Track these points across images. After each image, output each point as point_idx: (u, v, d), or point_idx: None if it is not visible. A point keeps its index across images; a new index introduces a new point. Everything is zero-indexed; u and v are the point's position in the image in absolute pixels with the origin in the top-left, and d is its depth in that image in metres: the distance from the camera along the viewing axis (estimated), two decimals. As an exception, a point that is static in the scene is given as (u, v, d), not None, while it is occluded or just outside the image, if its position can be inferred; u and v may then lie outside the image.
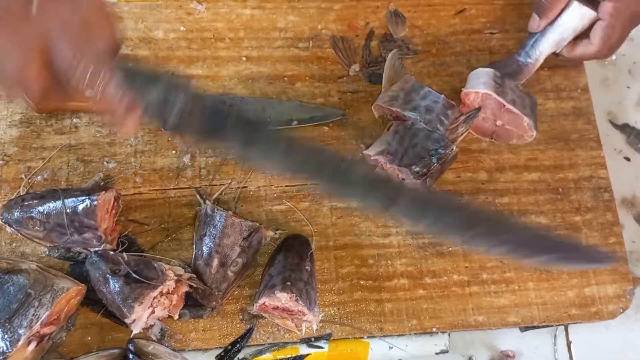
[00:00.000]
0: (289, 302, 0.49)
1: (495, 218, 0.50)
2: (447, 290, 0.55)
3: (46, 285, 0.48)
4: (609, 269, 0.56)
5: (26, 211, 0.51)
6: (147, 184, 0.56)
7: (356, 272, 0.55)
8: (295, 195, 0.57)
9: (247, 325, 0.53)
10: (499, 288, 0.55)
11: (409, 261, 0.55)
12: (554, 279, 0.55)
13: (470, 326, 0.54)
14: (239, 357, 0.52)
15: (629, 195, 0.61)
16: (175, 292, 0.50)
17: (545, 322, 0.55)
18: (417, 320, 0.54)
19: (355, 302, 0.54)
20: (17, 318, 0.47)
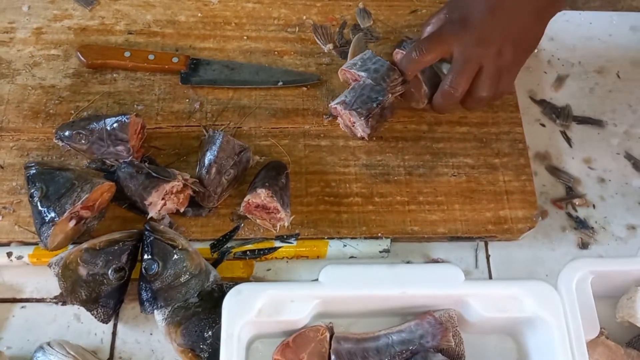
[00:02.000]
0: (266, 198, 0.65)
1: None
2: (391, 207, 0.70)
3: (87, 179, 0.65)
4: (519, 198, 0.71)
5: (75, 129, 0.68)
6: (166, 122, 0.74)
7: (321, 191, 0.71)
8: (278, 135, 0.74)
9: (235, 224, 0.68)
10: (431, 207, 0.71)
11: (363, 185, 0.71)
12: (475, 203, 0.71)
13: (407, 233, 0.69)
14: (227, 246, 0.67)
15: (543, 151, 0.78)
16: (182, 192, 0.67)
17: (467, 233, 0.70)
18: (366, 227, 0.69)
19: (319, 212, 0.70)
20: (64, 198, 0.63)
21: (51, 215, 0.62)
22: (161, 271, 0.62)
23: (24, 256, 0.66)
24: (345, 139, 0.74)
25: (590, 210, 0.74)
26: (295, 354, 0.61)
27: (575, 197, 0.74)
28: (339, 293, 0.59)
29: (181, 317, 0.62)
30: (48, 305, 0.66)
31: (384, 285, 0.60)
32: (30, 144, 0.71)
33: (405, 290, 0.59)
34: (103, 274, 0.63)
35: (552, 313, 0.59)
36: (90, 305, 0.63)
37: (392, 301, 0.61)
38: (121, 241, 0.64)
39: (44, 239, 0.63)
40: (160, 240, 0.63)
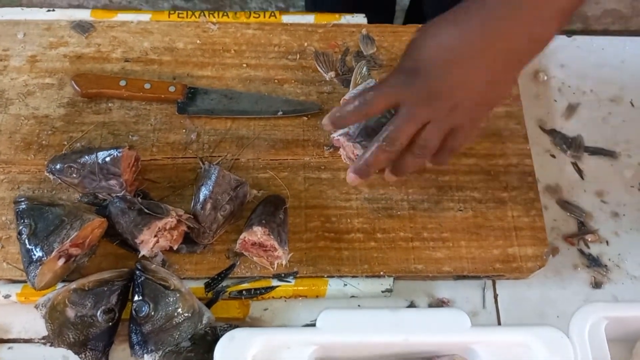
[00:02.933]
0: (263, 236, 0.62)
1: None
2: (394, 244, 0.67)
3: (77, 215, 0.62)
4: (529, 235, 0.68)
5: (67, 162, 0.66)
6: (161, 153, 0.71)
7: (321, 227, 0.68)
8: (277, 167, 0.71)
9: (231, 261, 0.66)
10: (436, 244, 0.68)
11: (365, 220, 0.69)
12: (483, 240, 0.68)
13: (411, 272, 0.66)
14: (222, 285, 0.65)
15: (553, 184, 0.74)
16: (176, 228, 0.64)
17: (474, 272, 0.66)
18: (368, 265, 0.66)
19: (319, 249, 0.67)
20: (52, 235, 0.61)
21: (39, 255, 0.60)
22: (152, 313, 0.59)
23: (11, 295, 0.64)
24: (347, 172, 0.71)
25: (604, 246, 0.71)
26: (292, 403, 0.58)
27: (588, 232, 0.71)
28: (337, 339, 0.56)
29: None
30: (36, 345, 0.64)
31: (385, 332, 0.56)
32: (22, 177, 0.69)
33: (408, 337, 0.56)
34: (92, 316, 0.60)
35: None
36: (78, 349, 0.60)
37: (394, 348, 0.58)
38: (111, 281, 0.61)
39: (32, 279, 0.60)
40: (152, 281, 0.60)
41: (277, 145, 0.73)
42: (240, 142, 0.73)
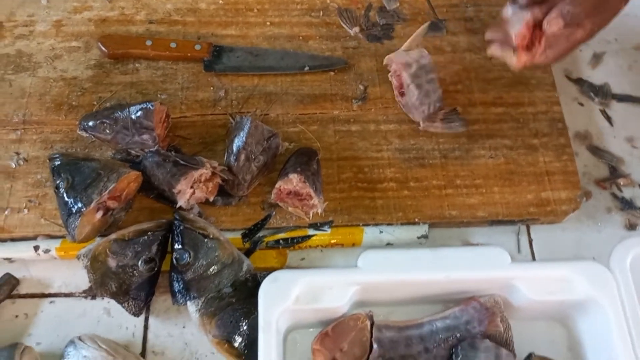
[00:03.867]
0: (299, 184, 0.63)
1: None
2: (427, 192, 0.68)
3: (113, 169, 0.63)
4: (562, 179, 0.68)
5: (99, 118, 0.66)
6: (190, 110, 0.72)
7: (354, 177, 0.68)
8: (306, 121, 0.71)
9: (266, 213, 0.66)
10: (469, 191, 0.68)
11: (397, 170, 0.69)
12: (515, 185, 0.68)
13: (445, 218, 0.66)
14: (259, 235, 0.65)
15: (582, 131, 0.74)
16: (211, 180, 0.64)
17: (508, 217, 0.67)
18: (402, 213, 0.66)
19: (353, 199, 0.67)
20: (90, 188, 0.61)
21: (78, 206, 0.60)
22: (193, 261, 0.60)
23: (51, 249, 0.64)
24: (377, 124, 0.71)
25: (636, 190, 0.71)
26: (335, 344, 0.58)
27: (620, 176, 0.71)
28: (379, 278, 0.57)
29: (215, 307, 0.59)
30: (77, 299, 0.64)
31: (426, 270, 0.57)
32: (54, 137, 0.70)
33: (449, 274, 0.56)
34: (133, 265, 0.61)
35: (606, 294, 0.56)
36: (120, 298, 0.61)
37: (434, 287, 0.59)
38: (150, 231, 0.62)
39: (72, 231, 0.61)
40: (191, 230, 0.61)
41: (305, 100, 0.73)
42: (269, 98, 0.73)
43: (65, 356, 0.57)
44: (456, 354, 0.56)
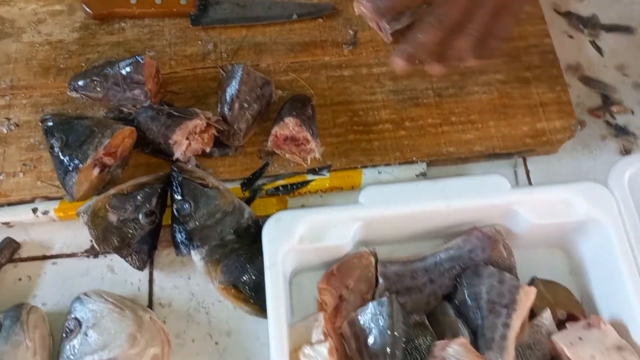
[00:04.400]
0: (295, 128, 0.62)
1: None
2: (424, 131, 0.67)
3: (106, 125, 0.62)
4: (556, 109, 0.68)
5: (89, 77, 0.65)
6: (180, 66, 0.71)
7: (349, 121, 0.68)
8: (298, 69, 0.71)
9: (264, 161, 0.66)
10: (465, 127, 0.68)
11: (392, 111, 0.69)
12: (510, 118, 0.68)
13: (443, 155, 0.66)
14: (258, 183, 0.65)
15: (574, 63, 0.74)
16: (206, 131, 0.64)
17: (505, 149, 0.67)
18: (400, 152, 0.66)
19: (349, 142, 0.67)
20: (85, 144, 0.60)
21: (74, 163, 0.60)
22: (194, 211, 0.59)
23: (49, 211, 0.64)
24: (369, 67, 0.71)
25: (629, 116, 0.71)
26: (341, 282, 0.58)
27: (613, 104, 0.71)
28: (381, 213, 0.57)
29: (219, 255, 0.59)
30: (79, 259, 0.64)
31: (427, 201, 0.57)
32: (44, 100, 0.69)
33: (449, 204, 0.57)
34: (134, 219, 0.60)
35: (607, 213, 0.56)
36: (123, 252, 0.60)
37: (436, 219, 0.59)
38: (149, 184, 0.61)
39: (69, 189, 0.60)
40: (190, 180, 0.60)
41: (295, 49, 0.72)
42: (258, 48, 0.72)
43: (72, 312, 0.57)
44: (460, 282, 0.57)
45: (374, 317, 0.54)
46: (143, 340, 0.55)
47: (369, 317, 0.54)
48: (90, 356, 0.54)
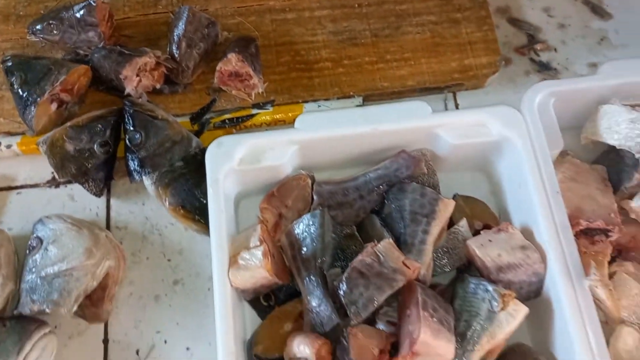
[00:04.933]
0: (237, 63, 0.68)
1: None
2: (361, 68, 0.73)
3: (63, 64, 0.67)
4: (483, 47, 0.74)
5: (46, 20, 0.70)
6: (133, 11, 0.76)
7: (292, 60, 0.73)
8: (244, 13, 0.76)
9: (211, 97, 0.71)
10: (399, 64, 0.73)
11: (332, 50, 0.74)
12: (441, 55, 0.74)
13: (378, 89, 0.72)
14: (206, 117, 0.70)
15: (503, 6, 0.80)
16: (156, 69, 0.69)
17: (435, 83, 0.72)
18: (338, 88, 0.72)
19: (292, 79, 0.72)
20: (43, 81, 0.66)
21: (33, 97, 0.65)
22: (144, 140, 0.65)
23: (12, 145, 0.69)
24: (311, 10, 0.76)
25: (552, 53, 0.77)
26: (281, 201, 0.64)
27: (537, 43, 0.77)
28: (315, 136, 0.62)
29: (169, 179, 0.65)
30: (42, 189, 0.69)
31: (357, 124, 0.63)
32: (5, 45, 0.74)
33: (377, 127, 0.62)
34: (89, 149, 0.66)
35: (518, 133, 0.62)
36: (80, 179, 0.66)
37: (366, 143, 0.64)
38: (103, 117, 0.67)
39: (29, 122, 0.65)
40: (140, 112, 0.66)
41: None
42: (207, -6, 0.77)
43: (35, 232, 0.63)
44: (387, 198, 0.63)
45: (307, 227, 0.60)
46: (99, 254, 0.61)
47: (302, 227, 0.60)
48: (50, 267, 0.60)
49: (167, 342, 0.63)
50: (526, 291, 0.59)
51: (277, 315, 0.61)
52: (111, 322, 0.64)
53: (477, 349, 0.56)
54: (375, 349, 0.55)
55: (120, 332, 0.63)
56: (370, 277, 0.55)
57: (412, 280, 0.57)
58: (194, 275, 0.66)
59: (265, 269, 0.56)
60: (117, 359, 0.62)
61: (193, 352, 0.63)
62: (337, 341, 0.56)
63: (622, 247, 0.64)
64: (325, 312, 0.57)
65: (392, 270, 0.56)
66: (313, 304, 0.58)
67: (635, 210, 0.62)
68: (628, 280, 0.60)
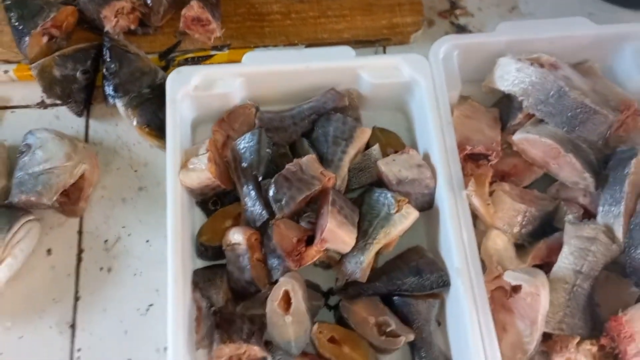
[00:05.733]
0: (198, 10, 0.81)
1: None
2: (305, 21, 0.87)
3: (54, 4, 0.80)
4: (409, 9, 0.88)
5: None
6: (116, -34, 0.89)
7: (247, 12, 0.87)
8: (211, -28, 0.89)
9: (177, 39, 0.85)
10: (338, 20, 0.87)
11: (281, 5, 0.88)
12: (374, 14, 0.87)
13: (318, 40, 0.86)
14: (172, 55, 0.84)
15: (434, -23, 0.94)
16: (132, 12, 0.82)
17: (367, 37, 0.86)
18: (285, 37, 0.86)
19: (246, 28, 0.86)
20: (36, 17, 0.79)
21: (27, 29, 0.78)
22: (118, 69, 0.78)
23: (9, 71, 0.82)
24: None
25: (470, 18, 0.91)
26: (229, 125, 0.78)
27: (457, 9, 0.91)
28: (258, 70, 0.76)
29: (137, 102, 0.78)
30: (33, 109, 0.83)
31: (293, 62, 0.76)
32: (5, -12, 0.86)
33: (309, 64, 0.76)
34: (73, 75, 0.79)
35: (423, 75, 0.76)
36: (65, 100, 0.80)
37: (301, 79, 0.78)
38: (85, 50, 0.80)
39: (24, 50, 0.79)
40: (117, 47, 0.79)
41: (209, -44, 0.90)
42: (179, -45, 0.90)
43: (25, 140, 0.76)
44: (316, 124, 0.77)
45: (247, 142, 0.74)
46: (77, 158, 0.75)
47: (244, 143, 0.74)
48: (37, 167, 0.73)
49: (130, 235, 0.77)
50: (421, 202, 0.74)
51: (220, 214, 0.75)
52: (85, 218, 0.77)
53: (376, 242, 0.70)
54: (295, 238, 0.69)
55: (92, 226, 0.77)
56: (293, 182, 0.70)
57: (327, 186, 0.71)
58: (155, 184, 0.79)
59: (209, 171, 0.70)
60: (89, 246, 0.76)
61: (152, 244, 0.77)
62: (265, 233, 0.71)
63: (505, 174, 0.78)
64: (257, 210, 0.71)
65: (311, 177, 0.70)
66: (248, 205, 0.72)
67: (516, 142, 0.76)
68: (504, 197, 0.74)
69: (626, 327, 0.67)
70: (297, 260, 0.68)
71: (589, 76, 0.82)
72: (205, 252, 0.73)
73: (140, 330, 0.72)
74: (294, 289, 0.66)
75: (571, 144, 0.74)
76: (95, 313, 0.73)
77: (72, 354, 0.71)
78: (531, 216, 0.73)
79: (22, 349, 0.71)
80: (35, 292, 0.73)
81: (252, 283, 0.68)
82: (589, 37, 0.80)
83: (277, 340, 0.66)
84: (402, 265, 0.72)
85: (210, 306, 0.68)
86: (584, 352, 0.67)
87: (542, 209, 0.74)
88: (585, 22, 0.80)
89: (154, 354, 0.71)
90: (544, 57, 0.77)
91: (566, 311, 0.68)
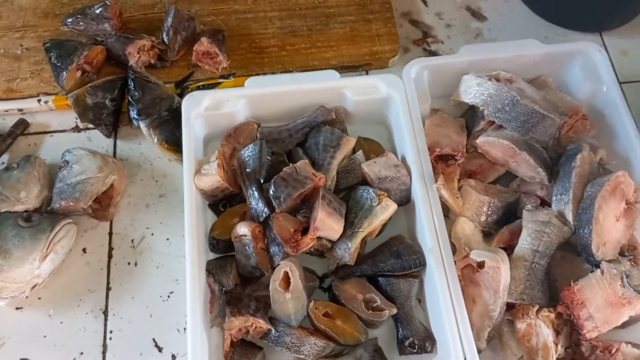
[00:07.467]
0: (208, 45, 0.96)
1: None
2: (298, 52, 1.02)
3: (86, 45, 0.96)
4: (387, 39, 1.02)
5: (75, 15, 0.99)
6: (137, 11, 1.05)
7: (249, 46, 1.02)
8: (216, 14, 1.05)
9: (190, 70, 1.00)
10: (326, 50, 1.02)
11: (278, 40, 1.03)
12: (357, 44, 1.02)
13: (310, 66, 1.00)
14: (186, 84, 0.98)
15: (406, 11, 1.09)
16: (151, 49, 0.98)
17: (351, 63, 1.01)
18: (281, 65, 1.01)
19: (248, 59, 1.01)
20: (72, 55, 0.94)
21: (64, 66, 0.93)
22: (141, 96, 0.93)
23: (49, 101, 0.97)
24: (265, 12, 1.05)
25: (440, 45, 1.05)
26: (235, 139, 0.92)
27: (429, 37, 1.06)
28: (257, 92, 0.90)
29: (157, 123, 0.93)
30: (68, 134, 0.97)
31: (288, 85, 0.91)
32: (45, 34, 1.02)
33: (300, 86, 0.90)
34: (103, 103, 0.94)
35: (398, 92, 0.90)
36: (96, 123, 0.94)
37: (295, 99, 0.92)
38: (113, 81, 0.95)
39: (61, 83, 0.94)
40: (139, 78, 0.94)
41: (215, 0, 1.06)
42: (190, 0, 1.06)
43: (63, 157, 0.90)
44: (308, 136, 0.91)
45: (250, 152, 0.87)
46: (107, 170, 0.88)
47: (247, 152, 0.88)
48: (74, 178, 0.87)
49: (153, 234, 0.90)
50: (399, 197, 0.86)
51: (228, 213, 0.88)
52: (114, 221, 0.91)
53: (361, 230, 0.82)
54: (292, 228, 0.82)
55: (120, 227, 0.90)
56: (289, 181, 0.83)
57: (319, 185, 0.84)
58: (174, 191, 0.93)
59: (219, 175, 0.84)
60: (118, 245, 0.89)
61: (171, 241, 0.90)
62: (267, 226, 0.83)
63: (473, 172, 0.91)
64: (260, 207, 0.84)
65: (304, 177, 0.83)
66: (252, 203, 0.85)
67: (479, 145, 0.89)
68: (470, 190, 0.86)
69: (578, 295, 0.78)
70: (295, 246, 0.80)
71: (543, 88, 0.96)
72: (217, 245, 0.85)
73: (163, 314, 0.84)
74: (292, 270, 0.78)
75: (525, 144, 0.87)
76: (125, 300, 0.85)
77: (106, 334, 0.83)
78: (495, 207, 0.86)
79: (63, 332, 0.83)
80: (73, 284, 0.86)
81: (257, 268, 0.81)
82: (539, 56, 0.94)
83: (279, 314, 0.78)
84: (385, 250, 0.84)
85: (221, 288, 0.80)
86: (542, 318, 0.78)
87: (505, 200, 0.86)
88: (536, 43, 0.95)
89: (175, 333, 0.83)
90: (502, 73, 0.92)
91: (526, 284, 0.80)
